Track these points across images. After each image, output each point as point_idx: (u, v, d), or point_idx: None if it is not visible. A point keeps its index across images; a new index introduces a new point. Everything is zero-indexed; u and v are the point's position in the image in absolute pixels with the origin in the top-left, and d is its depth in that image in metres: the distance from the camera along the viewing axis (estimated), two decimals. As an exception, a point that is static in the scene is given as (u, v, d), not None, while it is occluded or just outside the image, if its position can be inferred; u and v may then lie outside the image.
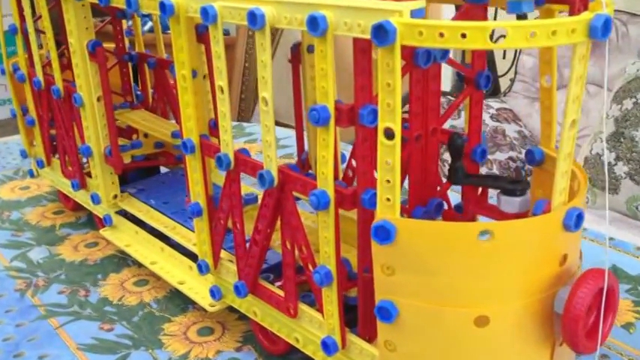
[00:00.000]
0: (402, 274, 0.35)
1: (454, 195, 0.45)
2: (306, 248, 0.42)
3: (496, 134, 1.47)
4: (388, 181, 0.34)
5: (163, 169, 0.76)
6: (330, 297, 0.41)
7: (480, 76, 0.43)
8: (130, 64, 0.79)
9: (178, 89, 0.47)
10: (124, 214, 0.66)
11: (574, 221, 0.34)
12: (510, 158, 1.44)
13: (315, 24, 0.35)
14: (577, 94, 0.33)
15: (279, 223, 0.44)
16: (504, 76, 1.74)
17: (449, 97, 1.55)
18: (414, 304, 0.35)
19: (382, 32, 0.31)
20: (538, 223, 0.34)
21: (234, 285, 0.48)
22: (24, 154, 0.78)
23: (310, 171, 0.60)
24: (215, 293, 0.52)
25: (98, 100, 0.61)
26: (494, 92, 1.70)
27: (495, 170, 1.41)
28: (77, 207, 0.74)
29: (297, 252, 0.43)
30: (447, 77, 1.78)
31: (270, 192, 0.43)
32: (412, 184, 0.41)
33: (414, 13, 0.32)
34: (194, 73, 0.47)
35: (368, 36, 0.32)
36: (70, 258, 0.67)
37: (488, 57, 1.66)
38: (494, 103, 1.59)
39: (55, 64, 0.64)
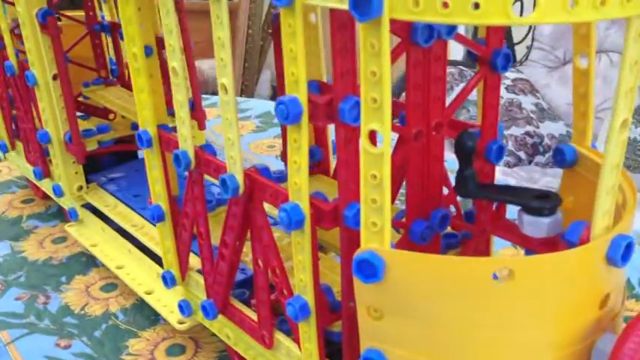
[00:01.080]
0: (393, 319, 0.27)
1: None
2: (280, 271, 0.34)
3: (511, 107, 1.37)
4: (374, 201, 0.26)
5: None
6: (307, 333, 0.33)
7: (497, 55, 0.34)
8: (103, 34, 0.70)
9: (130, 71, 0.39)
10: (92, 207, 0.59)
11: (621, 253, 0.25)
12: (527, 133, 1.34)
13: (279, -9, 0.26)
14: (631, 85, 0.24)
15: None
16: (520, 43, 1.63)
17: (461, 67, 1.45)
18: (408, 356, 0.27)
19: (363, 1, 0.23)
20: (574, 258, 0.25)
21: (201, 304, 0.41)
22: (-13, 137, 0.70)
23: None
24: (184, 309, 0.44)
25: (54, 78, 0.53)
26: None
27: (511, 147, 1.32)
28: (47, 195, 0.66)
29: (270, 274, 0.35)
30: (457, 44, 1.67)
31: (236, 200, 0.35)
32: (410, 191, 0.33)
33: (409, -24, 0.23)
34: (148, 50, 0.39)
35: (346, 6, 0.24)
36: (33, 256, 0.59)
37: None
38: (509, 74, 1.49)
39: (7, 36, 0.56)
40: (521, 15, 0.22)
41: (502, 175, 1.21)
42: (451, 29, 0.31)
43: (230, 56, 0.31)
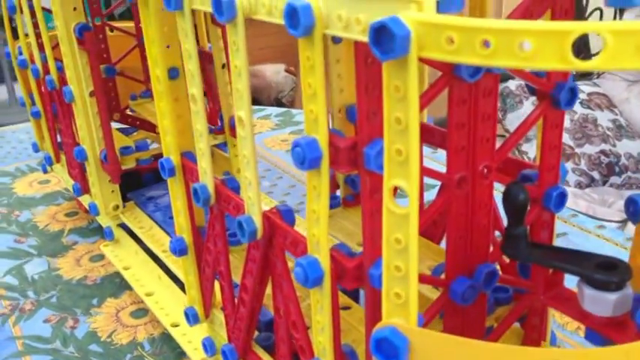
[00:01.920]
0: (417, 409, 0.23)
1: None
2: (300, 326, 0.30)
3: (586, 123, 1.29)
4: (398, 269, 0.22)
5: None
6: (326, 402, 0.29)
7: (560, 90, 0.29)
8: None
9: (153, 94, 0.37)
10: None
11: None
12: (602, 152, 1.25)
13: (295, 18, 0.22)
14: None
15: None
16: (598, 54, 1.52)
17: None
18: None
19: (386, 37, 0.19)
20: (643, 352, 0.20)
21: (222, 349, 0.38)
22: (35, 148, 0.70)
23: (338, 191, 0.48)
24: (208, 348, 0.41)
25: (90, 95, 0.51)
26: (587, 74, 1.50)
27: (583, 166, 1.23)
28: (89, 210, 0.65)
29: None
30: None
31: (255, 244, 0.32)
32: (452, 244, 0.29)
33: (444, 5, 0.19)
34: (174, 72, 0.36)
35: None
36: (68, 275, 0.58)
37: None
38: (585, 87, 1.40)
39: (48, 49, 0.54)
40: (584, 57, 0.17)
41: (572, 198, 1.13)
42: (504, 60, 0.26)
43: (247, 87, 0.28)
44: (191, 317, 0.41)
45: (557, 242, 0.52)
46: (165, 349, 0.48)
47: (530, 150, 1.28)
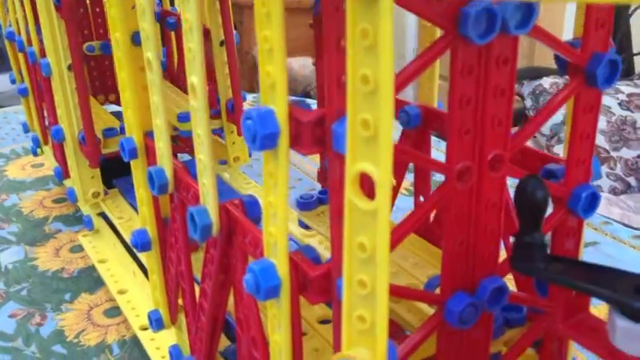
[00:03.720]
0: None
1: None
2: (260, 346, 0.25)
3: (624, 126, 1.20)
4: (362, 284, 0.16)
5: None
6: None
7: (598, 63, 0.23)
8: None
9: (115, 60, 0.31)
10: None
11: None
12: (640, 157, 1.17)
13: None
14: None
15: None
16: (641, 54, 1.44)
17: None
18: None
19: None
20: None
21: (182, 362, 0.32)
22: (25, 128, 0.65)
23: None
24: (174, 356, 0.36)
25: (69, 69, 0.46)
26: (628, 73, 1.41)
27: (619, 171, 1.15)
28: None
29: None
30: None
31: (212, 242, 0.26)
32: (449, 252, 0.23)
33: None
34: (139, 37, 0.31)
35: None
36: (44, 266, 0.53)
37: (622, 28, 1.37)
38: (625, 88, 1.31)
39: (30, 19, 0.50)
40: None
41: (606, 204, 1.05)
42: (525, 18, 0.20)
43: (200, 46, 0.22)
44: (154, 322, 0.35)
45: (587, 252, 0.45)
46: (135, 353, 0.43)
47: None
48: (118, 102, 0.65)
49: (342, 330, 0.17)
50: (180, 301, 0.34)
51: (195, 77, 0.23)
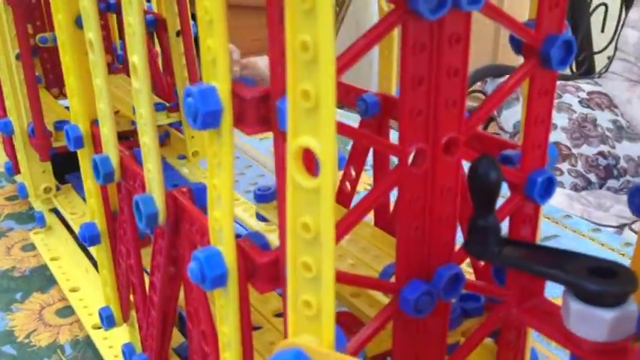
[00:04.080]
0: None
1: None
2: (211, 340, 0.24)
3: (585, 123, 1.22)
4: (308, 268, 0.15)
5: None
6: None
7: (552, 44, 0.23)
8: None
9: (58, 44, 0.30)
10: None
11: None
12: (600, 153, 1.19)
13: None
14: None
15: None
16: (601, 52, 1.46)
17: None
18: None
19: None
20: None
21: None
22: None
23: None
24: (127, 355, 0.34)
25: (17, 58, 0.44)
26: (588, 72, 1.43)
27: (580, 168, 1.17)
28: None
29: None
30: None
31: (160, 232, 0.25)
32: (403, 239, 0.22)
33: None
34: (80, 21, 0.30)
35: None
36: (-6, 265, 0.51)
37: (582, 27, 1.39)
38: (586, 86, 1.33)
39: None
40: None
41: (567, 200, 1.06)
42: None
43: (141, 21, 0.21)
44: (105, 319, 0.34)
45: (547, 245, 0.45)
46: (88, 354, 0.41)
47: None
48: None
49: (288, 316, 0.16)
50: (132, 297, 0.33)
51: (136, 56, 0.22)
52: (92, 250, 0.43)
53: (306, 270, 0.15)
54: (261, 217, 0.41)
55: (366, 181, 0.56)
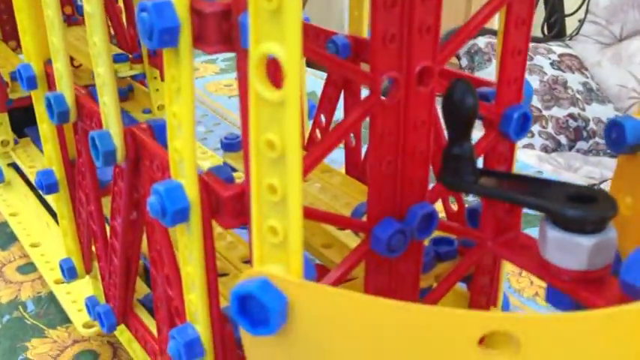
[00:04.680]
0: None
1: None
2: (175, 283, 0.23)
3: (555, 85, 1.22)
4: (272, 189, 0.14)
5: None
6: (199, 383, 0.21)
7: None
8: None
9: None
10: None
11: None
12: (570, 115, 1.19)
13: None
14: None
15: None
16: (572, 15, 1.46)
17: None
18: None
19: None
20: (635, 319, 0.13)
21: (96, 311, 0.30)
22: None
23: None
24: (91, 309, 0.33)
25: (-32, 4, 0.42)
26: (559, 34, 1.43)
27: (550, 129, 1.17)
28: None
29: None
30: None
31: (119, 171, 0.24)
32: (375, 175, 0.21)
33: None
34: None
35: None
36: (-49, 223, 0.49)
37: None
38: (557, 48, 1.33)
39: None
40: None
41: (538, 161, 1.07)
42: None
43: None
44: (67, 271, 0.33)
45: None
46: (51, 309, 0.40)
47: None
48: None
49: (252, 245, 0.15)
50: (94, 247, 0.32)
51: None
52: (51, 200, 0.41)
53: (272, 192, 0.14)
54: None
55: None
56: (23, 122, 0.50)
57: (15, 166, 0.48)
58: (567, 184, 0.17)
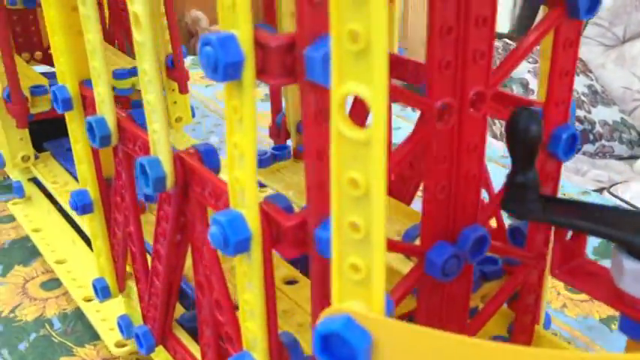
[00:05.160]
0: None
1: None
2: (226, 308, 0.22)
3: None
4: (355, 228, 0.14)
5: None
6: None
7: (581, -9, 0.22)
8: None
9: None
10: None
11: None
12: (576, 119, 1.19)
13: None
14: None
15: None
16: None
17: (506, 40, 1.30)
18: None
19: None
20: None
21: (134, 332, 0.30)
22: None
23: (289, 141, 0.40)
24: (124, 328, 0.33)
25: (-11, 19, 0.41)
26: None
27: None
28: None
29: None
30: (504, 11, 1.51)
31: (166, 197, 0.23)
32: (430, 198, 0.21)
33: None
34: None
35: None
36: (-29, 238, 0.49)
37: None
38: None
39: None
40: None
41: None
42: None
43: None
44: (100, 291, 0.32)
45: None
46: (78, 327, 0.40)
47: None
48: (44, 60, 0.60)
49: (332, 282, 0.15)
50: (128, 268, 0.32)
51: (138, 5, 0.20)
52: (81, 220, 0.41)
53: (354, 230, 0.14)
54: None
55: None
56: (42, 136, 0.49)
57: (35, 181, 0.48)
58: (638, 213, 0.17)
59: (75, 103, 0.28)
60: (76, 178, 0.46)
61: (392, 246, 0.23)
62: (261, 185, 0.37)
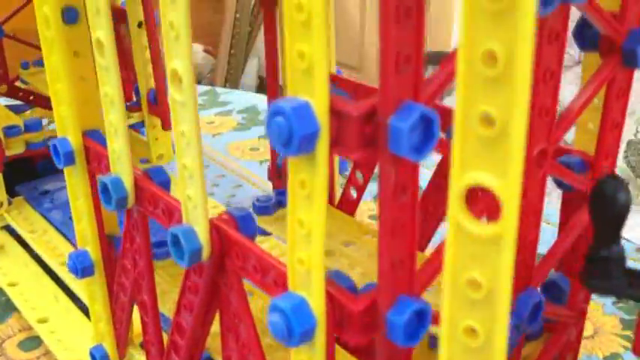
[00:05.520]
0: None
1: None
2: (266, 391, 0.20)
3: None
4: (473, 333, 0.12)
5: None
6: None
7: (636, 39, 0.21)
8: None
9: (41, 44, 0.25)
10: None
11: None
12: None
13: None
14: None
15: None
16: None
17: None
18: None
19: None
20: None
21: (143, 407, 0.27)
22: None
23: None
24: (123, 396, 0.30)
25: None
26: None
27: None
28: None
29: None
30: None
31: (198, 268, 0.21)
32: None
33: None
34: (72, 14, 0.25)
35: None
36: (-64, 293, 0.45)
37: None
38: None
39: None
40: None
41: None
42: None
43: (187, 18, 0.17)
44: (98, 359, 0.30)
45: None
46: (64, 393, 0.37)
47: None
48: (9, 94, 0.56)
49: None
50: (131, 333, 0.29)
51: (179, 62, 0.18)
52: (65, 276, 0.38)
53: (470, 336, 0.12)
54: (260, 231, 0.37)
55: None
56: (13, 180, 0.46)
57: (9, 229, 0.44)
58: None
59: (77, 157, 0.26)
60: (53, 225, 0.43)
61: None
62: (266, 233, 0.35)
